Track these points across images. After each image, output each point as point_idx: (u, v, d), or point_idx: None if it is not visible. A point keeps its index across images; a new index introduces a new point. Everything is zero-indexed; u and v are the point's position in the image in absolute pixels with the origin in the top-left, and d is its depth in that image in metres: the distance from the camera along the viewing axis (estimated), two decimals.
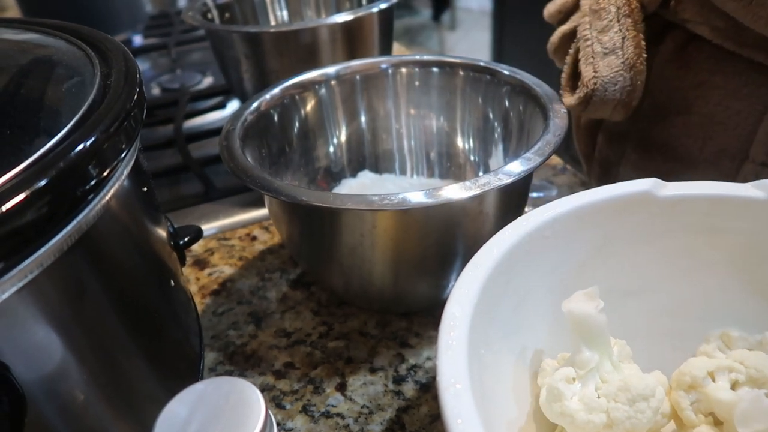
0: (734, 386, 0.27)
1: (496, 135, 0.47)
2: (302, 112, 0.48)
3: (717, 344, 0.30)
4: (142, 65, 0.90)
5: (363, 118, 0.50)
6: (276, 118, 0.45)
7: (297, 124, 0.47)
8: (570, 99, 0.40)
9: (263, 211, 0.54)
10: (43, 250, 0.21)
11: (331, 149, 0.50)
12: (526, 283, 0.29)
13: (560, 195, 0.54)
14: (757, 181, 0.30)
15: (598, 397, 0.27)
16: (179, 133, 0.66)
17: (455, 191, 0.32)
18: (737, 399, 0.26)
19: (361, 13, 0.56)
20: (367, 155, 0.51)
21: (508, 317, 0.28)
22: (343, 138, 0.50)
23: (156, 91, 0.81)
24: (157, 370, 0.30)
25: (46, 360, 0.23)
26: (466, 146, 0.50)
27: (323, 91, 0.48)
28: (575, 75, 0.41)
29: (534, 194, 0.54)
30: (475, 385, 0.22)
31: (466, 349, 0.23)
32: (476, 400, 0.21)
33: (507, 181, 0.32)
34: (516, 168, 0.33)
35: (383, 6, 0.58)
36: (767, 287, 0.31)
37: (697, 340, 0.31)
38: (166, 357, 0.31)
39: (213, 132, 0.67)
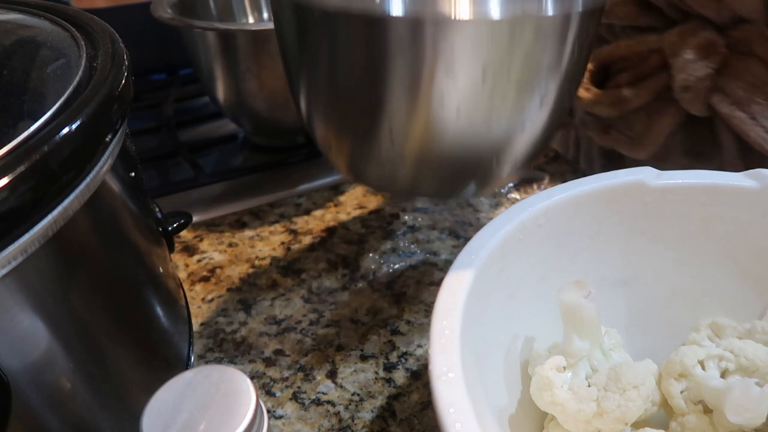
0: (724, 375, 0.28)
1: None
2: None
3: (707, 333, 0.30)
4: None
5: None
6: None
7: None
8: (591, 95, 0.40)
9: (253, 197, 0.54)
10: (27, 236, 0.20)
11: None
12: (519, 271, 0.29)
13: (552, 183, 0.54)
14: (749, 171, 0.30)
15: (589, 386, 0.27)
16: (168, 117, 0.65)
17: None
18: (727, 387, 0.26)
19: None
20: None
21: (500, 305, 0.28)
22: None
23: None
24: (146, 358, 0.30)
25: (32, 348, 0.23)
26: None
27: None
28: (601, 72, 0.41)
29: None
30: (467, 373, 0.22)
31: (459, 338, 0.23)
32: (468, 389, 0.21)
33: None
34: None
35: None
36: (757, 276, 0.31)
37: (687, 328, 0.31)
38: (155, 344, 0.31)
39: (204, 117, 0.66)
